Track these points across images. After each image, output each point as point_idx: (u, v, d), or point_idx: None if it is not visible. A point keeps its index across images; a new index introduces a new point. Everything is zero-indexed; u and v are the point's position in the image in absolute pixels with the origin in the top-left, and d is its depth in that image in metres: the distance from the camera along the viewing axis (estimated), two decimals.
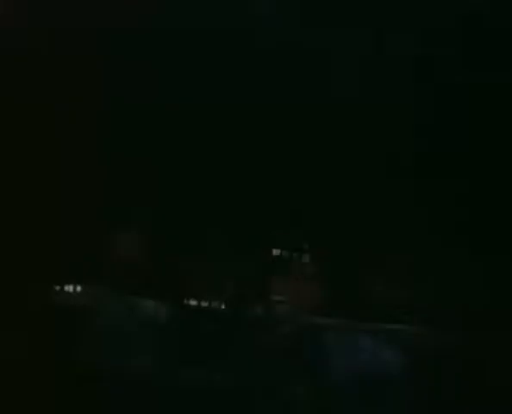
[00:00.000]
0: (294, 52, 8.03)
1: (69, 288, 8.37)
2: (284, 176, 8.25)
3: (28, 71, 8.04)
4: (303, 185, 8.24)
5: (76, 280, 8.35)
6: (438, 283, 8.12)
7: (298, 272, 8.49)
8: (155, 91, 8.20)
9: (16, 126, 8.02)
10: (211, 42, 8.14)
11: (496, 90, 7.89)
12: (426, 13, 8.01)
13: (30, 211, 8.02)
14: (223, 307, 8.45)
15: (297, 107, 8.13)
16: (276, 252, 8.50)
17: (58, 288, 8.35)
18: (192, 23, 8.16)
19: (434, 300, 8.12)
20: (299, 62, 8.12)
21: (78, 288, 8.38)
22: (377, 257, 8.26)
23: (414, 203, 8.13)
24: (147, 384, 7.84)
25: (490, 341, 7.85)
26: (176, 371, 7.98)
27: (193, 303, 8.42)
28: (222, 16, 8.16)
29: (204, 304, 8.43)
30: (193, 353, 8.08)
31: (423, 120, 8.05)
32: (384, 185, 8.14)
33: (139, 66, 8.14)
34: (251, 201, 8.25)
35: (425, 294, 8.16)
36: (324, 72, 8.13)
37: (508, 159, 8.01)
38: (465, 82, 7.91)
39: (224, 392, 7.85)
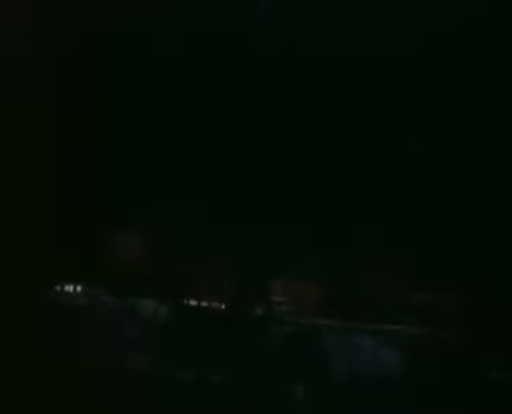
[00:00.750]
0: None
1: (69, 288, 8.39)
2: (285, 176, 8.26)
3: None
4: (304, 185, 8.24)
5: (76, 280, 8.38)
6: (438, 283, 8.11)
7: (298, 272, 8.47)
8: (154, 92, 8.24)
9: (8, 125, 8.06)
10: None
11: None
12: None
13: (30, 211, 8.04)
14: (223, 307, 8.45)
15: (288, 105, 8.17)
16: (276, 252, 8.49)
17: (57, 288, 8.37)
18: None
19: (434, 300, 8.10)
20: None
21: (78, 288, 8.40)
22: (377, 257, 8.25)
23: (413, 203, 8.12)
24: (147, 383, 7.85)
25: (489, 340, 7.84)
26: (175, 371, 7.99)
27: (193, 303, 8.43)
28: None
29: (204, 304, 8.43)
30: (193, 353, 8.08)
31: (419, 123, 8.06)
32: (384, 184, 8.14)
33: (136, 66, 8.20)
34: (251, 201, 8.25)
35: (425, 294, 8.15)
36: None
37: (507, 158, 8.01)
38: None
39: (224, 391, 7.85)
